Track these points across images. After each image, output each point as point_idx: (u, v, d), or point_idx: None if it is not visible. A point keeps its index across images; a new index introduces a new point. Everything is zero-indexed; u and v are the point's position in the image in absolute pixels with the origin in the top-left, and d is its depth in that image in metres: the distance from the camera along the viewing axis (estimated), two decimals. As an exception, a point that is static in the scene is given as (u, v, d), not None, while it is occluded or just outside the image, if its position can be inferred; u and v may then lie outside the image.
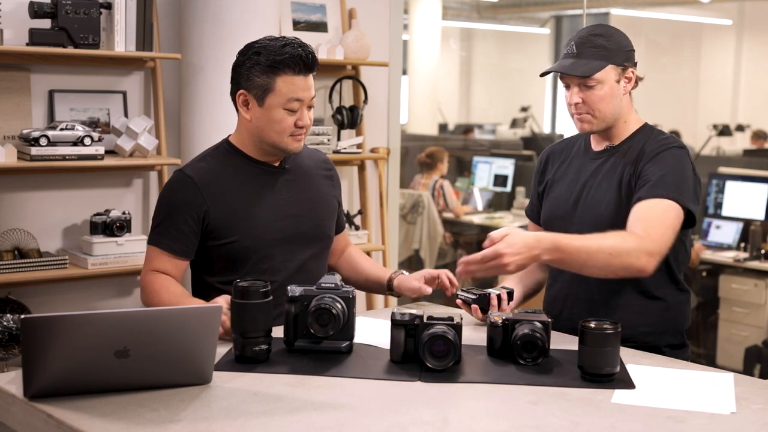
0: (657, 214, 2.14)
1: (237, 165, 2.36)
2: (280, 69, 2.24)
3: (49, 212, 3.37)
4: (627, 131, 2.35)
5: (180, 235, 2.29)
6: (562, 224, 2.32)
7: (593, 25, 2.32)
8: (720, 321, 5.45)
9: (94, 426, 1.56)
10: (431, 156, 6.81)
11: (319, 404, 1.69)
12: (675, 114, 11.55)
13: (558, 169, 2.45)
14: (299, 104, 2.27)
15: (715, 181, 5.80)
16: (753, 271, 5.28)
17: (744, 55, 12.76)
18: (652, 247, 2.09)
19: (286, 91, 2.25)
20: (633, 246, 2.07)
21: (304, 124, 2.29)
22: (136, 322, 1.69)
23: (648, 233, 2.10)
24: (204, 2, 3.37)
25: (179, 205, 2.30)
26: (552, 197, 2.42)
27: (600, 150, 2.37)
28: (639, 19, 12.63)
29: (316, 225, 2.42)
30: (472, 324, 2.31)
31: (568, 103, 2.31)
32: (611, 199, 2.28)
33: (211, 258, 2.35)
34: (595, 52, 2.26)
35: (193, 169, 2.34)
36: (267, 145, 2.33)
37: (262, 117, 2.28)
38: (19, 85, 3.25)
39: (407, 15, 10.45)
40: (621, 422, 1.63)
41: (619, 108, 2.31)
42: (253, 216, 2.32)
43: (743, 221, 5.54)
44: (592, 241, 2.08)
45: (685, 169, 2.23)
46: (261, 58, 2.25)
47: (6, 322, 3.10)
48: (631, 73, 2.31)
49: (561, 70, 2.28)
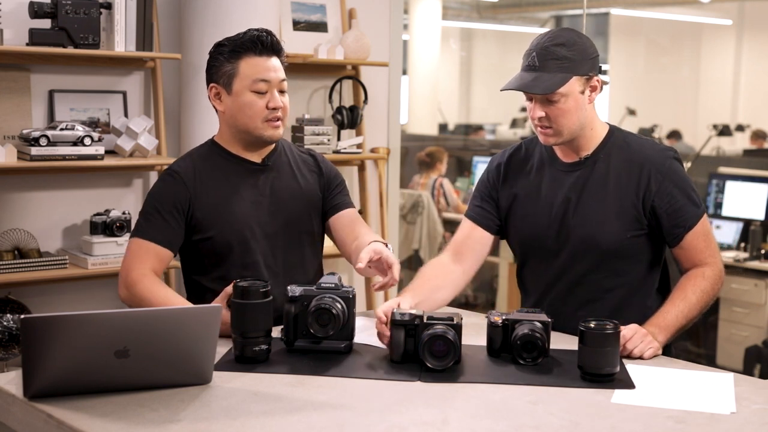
0: (705, 236, 2.25)
1: (220, 162, 2.38)
2: (242, 52, 2.30)
3: (49, 212, 3.37)
4: (595, 139, 2.26)
5: (165, 227, 2.30)
6: (547, 245, 2.26)
7: (555, 33, 2.18)
8: (720, 321, 5.45)
9: (94, 426, 1.56)
10: (431, 155, 6.81)
11: (319, 404, 1.69)
12: (675, 114, 11.55)
13: (523, 182, 2.33)
14: (267, 85, 2.30)
15: (715, 181, 5.80)
16: (753, 271, 5.28)
17: (744, 55, 12.76)
18: (720, 268, 2.25)
19: (249, 72, 2.29)
20: (710, 285, 2.21)
21: (275, 105, 2.30)
22: (136, 322, 1.69)
23: (709, 259, 2.24)
24: (204, 2, 3.37)
25: (164, 198, 2.32)
26: (526, 215, 2.31)
27: (573, 162, 2.27)
28: (639, 19, 12.64)
29: (298, 221, 2.42)
30: (472, 324, 2.31)
31: (531, 116, 2.20)
32: (606, 217, 2.22)
33: (198, 255, 2.36)
34: (557, 64, 2.13)
35: (178, 165, 2.37)
36: (244, 134, 2.34)
37: (233, 104, 2.32)
38: (19, 85, 3.25)
39: (407, 15, 10.45)
40: (621, 422, 1.63)
41: (584, 119, 2.21)
42: (234, 211, 2.33)
43: (743, 221, 5.54)
44: (680, 306, 2.17)
45: (687, 175, 2.29)
46: (225, 48, 2.32)
47: (6, 322, 3.10)
48: (596, 82, 2.20)
49: (521, 89, 2.15)
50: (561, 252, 2.27)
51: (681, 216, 2.22)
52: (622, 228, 2.21)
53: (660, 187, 2.20)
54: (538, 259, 2.33)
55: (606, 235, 2.22)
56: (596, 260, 2.24)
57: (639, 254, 2.26)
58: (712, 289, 2.22)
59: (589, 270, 2.25)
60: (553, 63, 2.13)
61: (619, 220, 2.21)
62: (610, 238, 2.21)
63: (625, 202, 2.22)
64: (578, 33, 2.20)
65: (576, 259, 2.25)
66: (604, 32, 12.88)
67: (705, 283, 2.21)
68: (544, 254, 2.30)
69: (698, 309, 2.19)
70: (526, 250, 2.36)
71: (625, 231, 2.21)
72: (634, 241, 2.23)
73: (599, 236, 2.22)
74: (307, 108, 4.02)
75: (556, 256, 2.27)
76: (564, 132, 2.19)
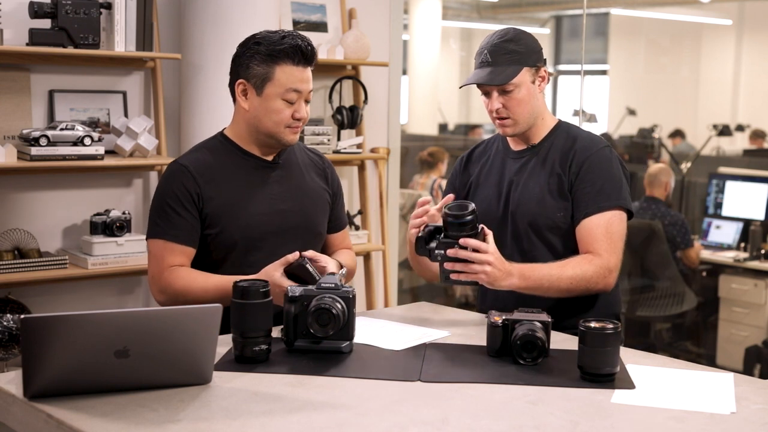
0: (606, 228, 2.31)
1: (230, 157, 2.37)
2: (279, 58, 2.27)
3: (49, 212, 3.37)
4: (544, 129, 2.44)
5: (183, 223, 2.29)
6: (492, 222, 2.37)
7: (501, 32, 2.38)
8: (720, 321, 5.46)
9: (94, 426, 1.56)
10: (433, 155, 6.82)
11: (319, 404, 1.69)
12: (675, 114, 11.55)
13: (480, 171, 2.52)
14: (297, 96, 2.30)
15: (715, 181, 5.80)
16: (753, 271, 5.29)
17: (744, 55, 12.75)
18: (610, 266, 2.29)
19: (284, 81, 2.28)
20: (592, 273, 2.26)
21: (301, 116, 2.32)
22: (136, 322, 1.69)
23: (603, 253, 2.29)
24: (204, 2, 3.37)
25: (177, 193, 2.30)
26: (480, 199, 2.46)
27: (521, 150, 2.46)
28: (639, 19, 12.63)
29: (306, 221, 2.43)
30: (473, 324, 2.31)
31: (489, 110, 2.39)
32: (540, 197, 2.37)
33: (206, 249, 2.34)
34: (508, 58, 2.33)
35: (188, 159, 2.36)
36: (263, 135, 2.34)
37: (260, 106, 2.31)
38: (19, 85, 3.25)
39: (407, 15, 10.45)
40: (621, 422, 1.63)
41: (537, 108, 2.40)
42: (243, 208, 2.33)
43: (743, 221, 5.55)
44: (553, 270, 2.24)
45: (617, 171, 2.37)
46: (261, 48, 2.29)
47: (6, 322, 3.10)
48: (544, 72, 2.40)
49: (480, 81, 2.35)
50: (504, 231, 2.41)
51: (585, 201, 2.34)
52: (556, 206, 2.36)
53: (580, 170, 2.36)
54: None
55: (542, 213, 2.37)
56: (534, 237, 2.38)
57: (572, 232, 2.37)
58: (592, 278, 2.26)
59: (530, 247, 2.38)
60: (503, 57, 2.34)
61: (554, 199, 2.37)
62: (545, 214, 2.37)
63: (558, 183, 2.37)
64: (522, 30, 2.41)
65: (517, 237, 2.40)
66: (604, 32, 12.88)
67: (589, 267, 2.26)
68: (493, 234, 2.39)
69: (566, 285, 2.24)
70: None
71: (557, 209, 2.36)
72: (566, 219, 2.36)
73: (536, 214, 2.37)
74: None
75: (501, 235, 2.38)
76: (520, 121, 2.38)
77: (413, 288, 6.31)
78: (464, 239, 2.10)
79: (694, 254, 5.41)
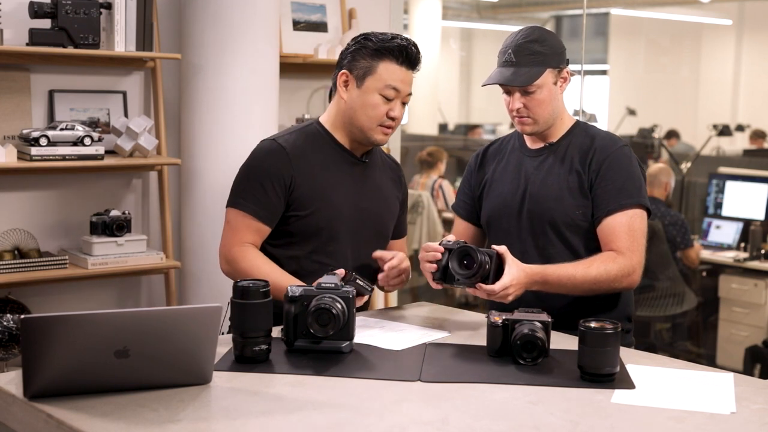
0: (629, 226, 2.30)
1: (324, 146, 2.41)
2: (385, 55, 2.33)
3: (49, 212, 3.37)
4: (563, 128, 2.44)
5: (267, 202, 2.33)
6: (509, 219, 2.40)
7: (526, 31, 2.37)
8: (720, 321, 5.46)
9: (94, 426, 1.56)
10: (432, 155, 6.82)
11: (319, 404, 1.69)
12: (675, 114, 11.54)
13: (496, 168, 2.52)
14: (395, 94, 2.34)
15: (715, 181, 5.80)
16: (753, 271, 5.28)
17: (744, 55, 12.76)
18: (633, 263, 2.29)
19: (385, 77, 2.33)
20: (616, 272, 2.26)
21: (395, 115, 2.36)
22: (136, 322, 1.69)
23: (626, 251, 2.28)
24: (204, 2, 3.37)
25: (270, 171, 2.33)
26: (495, 195, 2.47)
27: (538, 148, 2.45)
28: (639, 19, 12.63)
29: (379, 223, 2.48)
30: (471, 325, 2.31)
31: (510, 108, 2.38)
32: (559, 195, 2.37)
33: (285, 229, 2.37)
34: (532, 59, 2.33)
35: (285, 140, 2.39)
36: (356, 129, 2.38)
37: (358, 98, 2.35)
38: (19, 85, 3.25)
39: (407, 15, 10.45)
40: (621, 422, 1.63)
41: (557, 109, 2.40)
42: (331, 197, 2.37)
43: (743, 221, 5.54)
44: (577, 271, 2.24)
45: (636, 170, 2.37)
46: (369, 43, 2.35)
47: (6, 322, 3.10)
48: (566, 74, 2.41)
49: (504, 82, 2.35)
50: (521, 228, 2.41)
51: (606, 199, 2.33)
52: (575, 204, 2.35)
53: (600, 168, 2.35)
54: (501, 236, 2.43)
55: (560, 210, 2.36)
56: (552, 235, 2.37)
57: (591, 230, 2.36)
58: (616, 276, 2.27)
59: (547, 244, 2.38)
60: (528, 58, 2.33)
61: (572, 197, 2.36)
62: (564, 212, 2.36)
63: (578, 181, 2.36)
64: (547, 30, 2.40)
65: (534, 234, 2.39)
66: (604, 32, 12.88)
67: (613, 266, 2.27)
68: (506, 231, 2.43)
69: (590, 285, 2.25)
70: (491, 229, 2.49)
71: (576, 207, 2.35)
72: (585, 217, 2.35)
73: (553, 211, 2.36)
74: (307, 108, 4.02)
75: (517, 231, 2.40)
76: (540, 120, 2.38)
77: (413, 288, 6.31)
78: (475, 290, 2.12)
79: (694, 254, 5.41)
